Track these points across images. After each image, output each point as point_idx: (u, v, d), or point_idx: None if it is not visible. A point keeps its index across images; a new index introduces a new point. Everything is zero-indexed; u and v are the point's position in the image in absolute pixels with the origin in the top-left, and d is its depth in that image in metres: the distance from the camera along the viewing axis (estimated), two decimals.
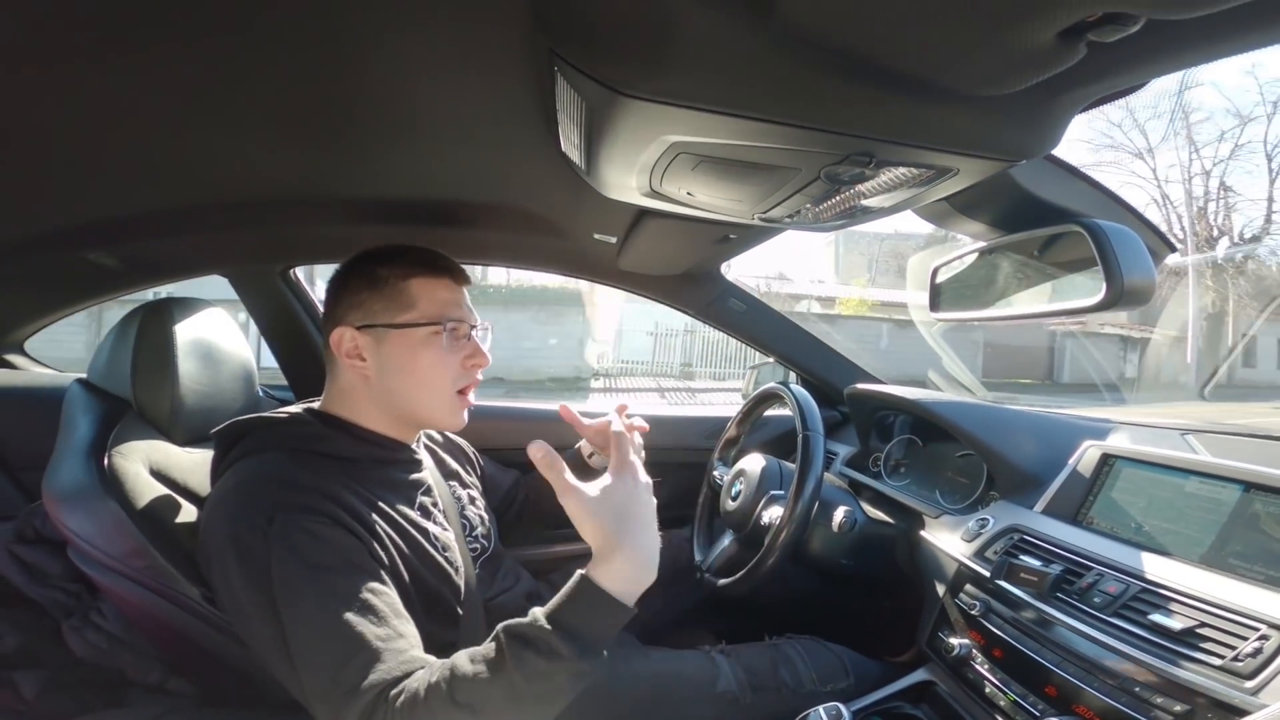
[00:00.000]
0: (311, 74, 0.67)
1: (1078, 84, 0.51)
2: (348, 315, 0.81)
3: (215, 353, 1.00)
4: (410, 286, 0.81)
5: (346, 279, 0.83)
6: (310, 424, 0.81)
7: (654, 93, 0.52)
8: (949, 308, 1.01)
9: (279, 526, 0.66)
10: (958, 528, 1.05)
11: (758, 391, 1.33)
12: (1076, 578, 0.83)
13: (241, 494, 0.71)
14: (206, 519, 0.72)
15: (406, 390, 0.82)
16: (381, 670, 0.60)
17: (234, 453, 0.77)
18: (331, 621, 0.62)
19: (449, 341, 0.81)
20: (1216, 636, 0.67)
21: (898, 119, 0.55)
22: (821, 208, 0.77)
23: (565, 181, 0.90)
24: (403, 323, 0.80)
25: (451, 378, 0.83)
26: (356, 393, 0.83)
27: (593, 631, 0.60)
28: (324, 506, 0.69)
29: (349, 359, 0.81)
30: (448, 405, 0.84)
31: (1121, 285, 0.73)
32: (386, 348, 0.80)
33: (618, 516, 0.64)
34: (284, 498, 0.69)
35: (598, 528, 0.63)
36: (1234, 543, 0.77)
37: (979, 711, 0.89)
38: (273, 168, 0.94)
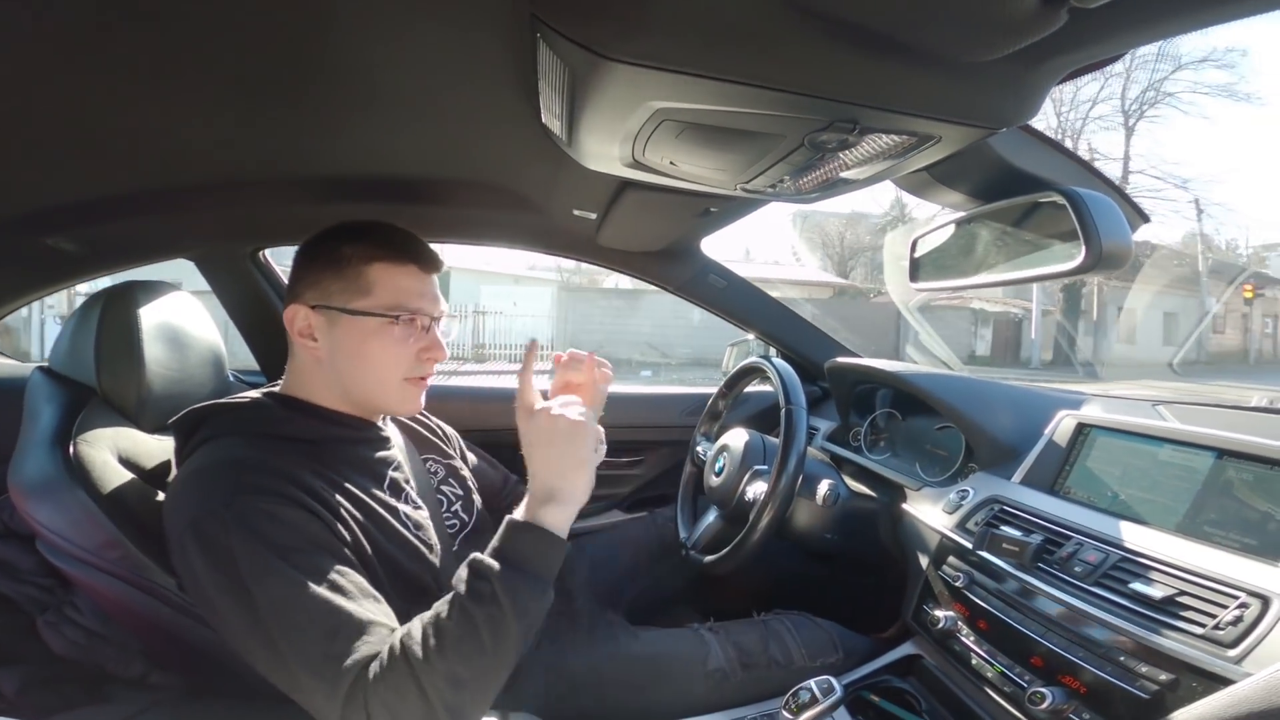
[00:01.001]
0: (277, 46, 0.64)
1: (1057, 52, 0.51)
2: (304, 293, 0.78)
3: (182, 337, 0.97)
4: (370, 271, 0.78)
5: (307, 255, 0.81)
6: (269, 407, 0.79)
7: (639, 56, 0.51)
8: (929, 278, 1.01)
9: (237, 511, 0.64)
10: (939, 500, 1.06)
11: (739, 365, 1.32)
12: (1056, 547, 0.84)
13: (197, 480, 0.69)
14: (166, 508, 0.71)
15: (356, 375, 0.80)
16: (368, 642, 0.61)
17: (193, 440, 0.75)
18: (309, 600, 0.61)
19: (403, 332, 0.78)
20: (1196, 605, 0.68)
21: (882, 84, 0.55)
22: (803, 178, 0.77)
23: (545, 155, 0.88)
24: (356, 309, 0.77)
25: (402, 369, 0.80)
26: (312, 374, 0.81)
27: (519, 555, 0.65)
28: (282, 488, 0.67)
29: (301, 338, 0.79)
30: (397, 393, 0.82)
31: (1100, 249, 0.73)
32: (338, 331, 0.78)
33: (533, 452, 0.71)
34: (241, 481, 0.67)
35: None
36: (1208, 510, 0.78)
37: (966, 684, 0.90)
38: (238, 146, 0.91)
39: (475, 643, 0.61)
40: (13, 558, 0.91)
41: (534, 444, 0.71)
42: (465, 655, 0.60)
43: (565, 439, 0.70)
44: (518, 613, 0.62)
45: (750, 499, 1.10)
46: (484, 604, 0.62)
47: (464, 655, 0.60)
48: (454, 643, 0.60)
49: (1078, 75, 0.57)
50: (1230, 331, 19.10)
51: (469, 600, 0.62)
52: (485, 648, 0.61)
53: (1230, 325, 19.07)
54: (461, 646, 0.60)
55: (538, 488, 0.69)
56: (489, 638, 0.61)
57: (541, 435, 0.71)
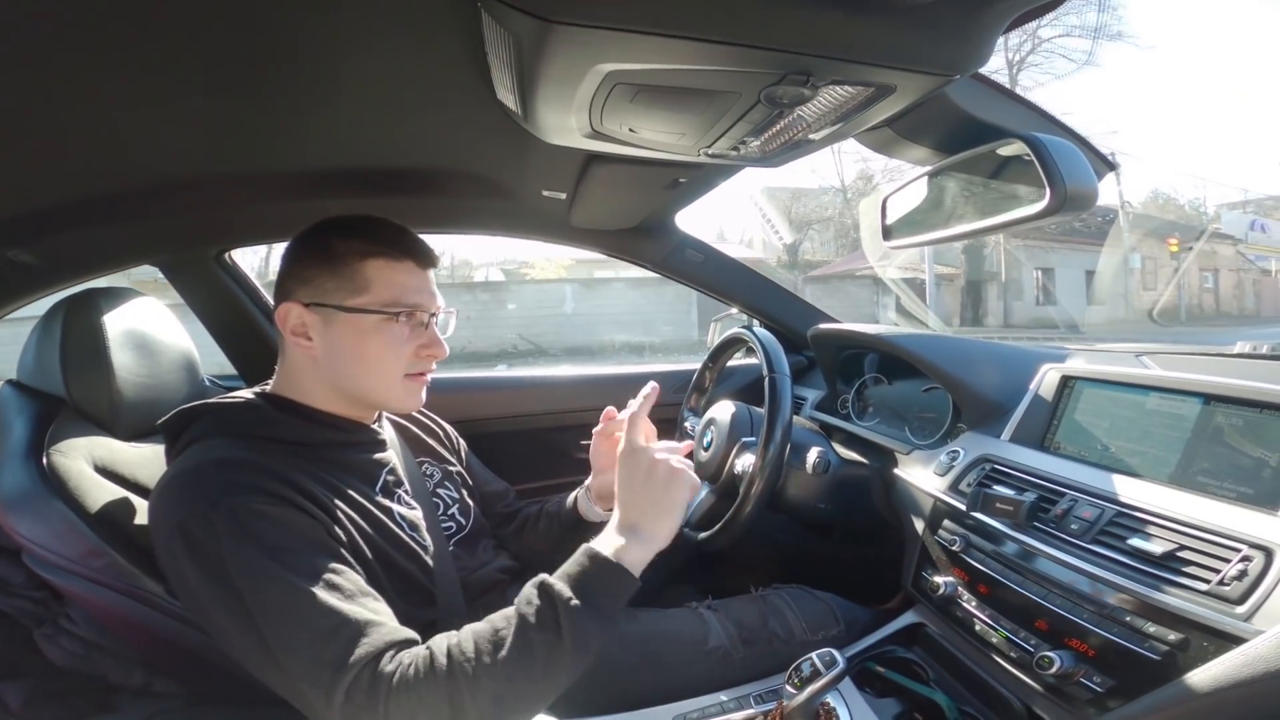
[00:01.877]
0: (234, 42, 0.62)
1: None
2: (296, 290, 0.76)
3: (151, 342, 0.96)
4: (366, 267, 0.76)
5: (300, 250, 0.79)
6: (261, 408, 0.78)
7: (583, 17, 0.50)
8: (902, 234, 1.00)
9: (225, 511, 0.62)
10: (930, 462, 1.05)
11: (722, 338, 1.31)
12: (1051, 505, 0.83)
13: (183, 482, 0.67)
14: (151, 512, 0.69)
15: (354, 374, 0.78)
16: (366, 644, 0.59)
17: (181, 440, 0.73)
18: (303, 601, 0.60)
19: (403, 329, 0.77)
20: (1198, 559, 0.66)
21: (832, 33, 0.54)
22: (765, 138, 0.75)
23: (506, 135, 0.86)
24: (353, 306, 0.75)
25: (403, 366, 0.79)
26: (305, 373, 0.79)
27: (590, 584, 0.64)
28: (272, 487, 0.66)
29: (294, 337, 0.76)
30: (398, 390, 0.81)
31: (1065, 191, 0.72)
32: (335, 330, 0.76)
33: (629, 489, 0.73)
34: (228, 481, 0.65)
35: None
36: (1200, 459, 0.77)
37: (972, 650, 0.89)
38: (199, 145, 0.88)
39: (526, 666, 0.60)
40: (2, 572, 0.91)
41: (630, 480, 0.72)
42: (513, 676, 0.60)
43: (664, 483, 0.72)
44: (576, 645, 0.61)
45: (740, 471, 1.09)
46: (545, 629, 0.61)
47: (511, 676, 0.59)
48: (506, 663, 0.59)
49: (1024, 21, 0.57)
50: (1162, 288, 18.96)
51: (529, 621, 0.61)
52: (535, 675, 0.60)
53: (1161, 280, 18.88)
54: (512, 666, 0.59)
55: (624, 521, 0.70)
56: (542, 663, 0.60)
57: (640, 473, 0.72)
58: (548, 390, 1.61)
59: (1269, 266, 21.10)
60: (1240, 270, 21.12)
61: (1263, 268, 21.12)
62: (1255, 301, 20.97)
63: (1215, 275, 20.81)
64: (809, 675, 0.73)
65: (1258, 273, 21.21)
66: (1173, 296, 18.59)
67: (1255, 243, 19.55)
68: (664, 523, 0.71)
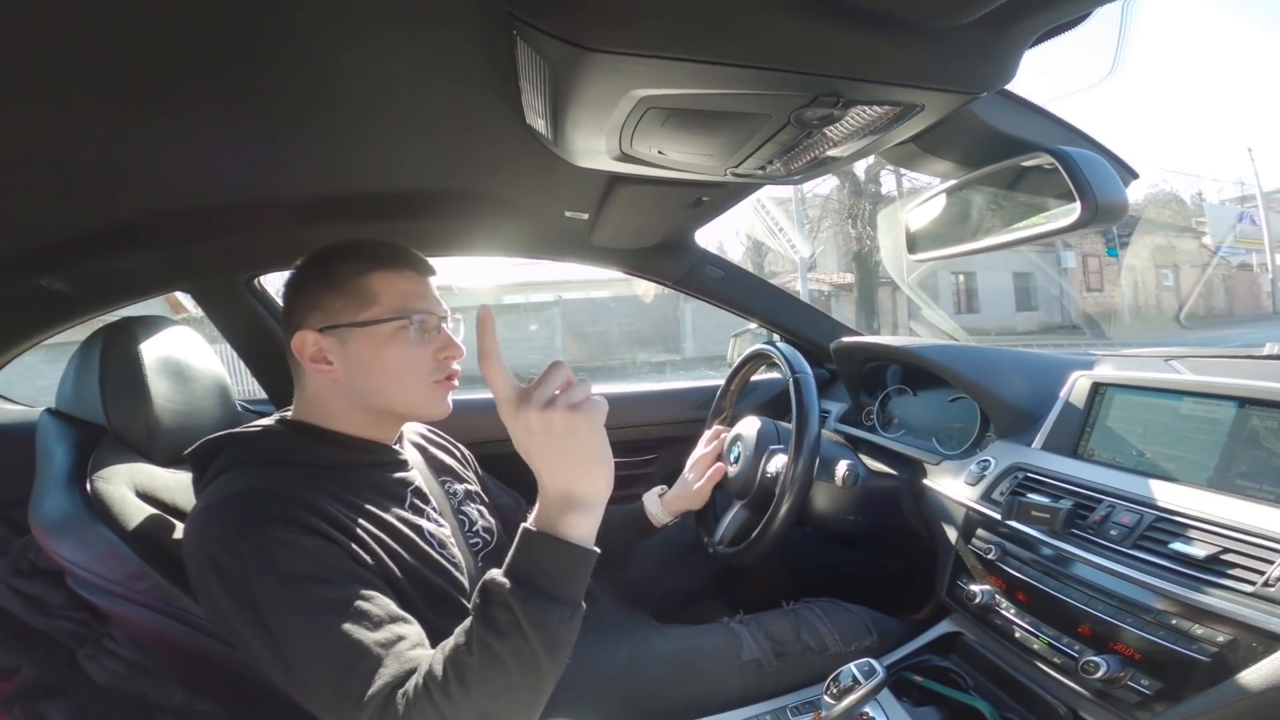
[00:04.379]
0: (261, 69, 0.63)
1: (1027, 14, 0.52)
2: (307, 318, 0.77)
3: (186, 370, 0.98)
4: (370, 281, 0.77)
5: (302, 281, 0.80)
6: (284, 435, 0.79)
7: (620, 45, 0.50)
8: (926, 248, 1.00)
9: (251, 541, 0.63)
10: (960, 472, 1.05)
11: (745, 353, 1.31)
12: (1088, 512, 0.82)
13: (213, 513, 0.68)
14: (184, 542, 0.70)
15: (379, 388, 0.79)
16: (385, 675, 0.59)
17: (209, 472, 0.75)
18: (325, 633, 0.60)
19: (417, 335, 0.78)
20: (1242, 562, 0.66)
21: (861, 55, 0.55)
22: (792, 158, 0.76)
23: (532, 157, 0.87)
24: (365, 320, 0.76)
25: (425, 371, 0.80)
26: (327, 397, 0.80)
27: (540, 574, 0.58)
28: (299, 516, 0.66)
29: (314, 364, 0.77)
30: (425, 397, 0.81)
31: (1096, 204, 0.72)
32: (351, 348, 0.77)
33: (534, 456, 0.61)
34: (254, 511, 0.66)
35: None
36: (1238, 463, 0.77)
37: (1013, 658, 0.88)
38: (226, 172, 0.90)
39: (504, 680, 0.57)
40: (44, 594, 0.94)
41: (530, 446, 0.60)
42: (493, 693, 0.57)
43: (567, 434, 0.59)
44: (546, 644, 0.57)
45: (771, 474, 1.09)
46: (508, 636, 0.56)
47: (492, 694, 0.57)
48: (480, 681, 0.56)
49: (1048, 37, 0.58)
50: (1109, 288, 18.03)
51: (488, 632, 0.57)
52: (515, 684, 0.57)
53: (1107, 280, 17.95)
54: (489, 684, 0.56)
55: (551, 494, 0.60)
56: (518, 673, 0.57)
57: (536, 433, 0.59)
58: None
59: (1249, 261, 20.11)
60: (1205, 266, 19.80)
61: (1242, 263, 20.11)
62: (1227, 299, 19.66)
63: (1175, 272, 19.36)
64: (849, 685, 0.73)
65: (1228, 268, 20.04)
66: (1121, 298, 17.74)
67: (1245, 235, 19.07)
68: (593, 476, 0.60)
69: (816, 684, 0.90)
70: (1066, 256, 16.67)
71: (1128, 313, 17.51)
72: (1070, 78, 1.63)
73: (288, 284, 0.82)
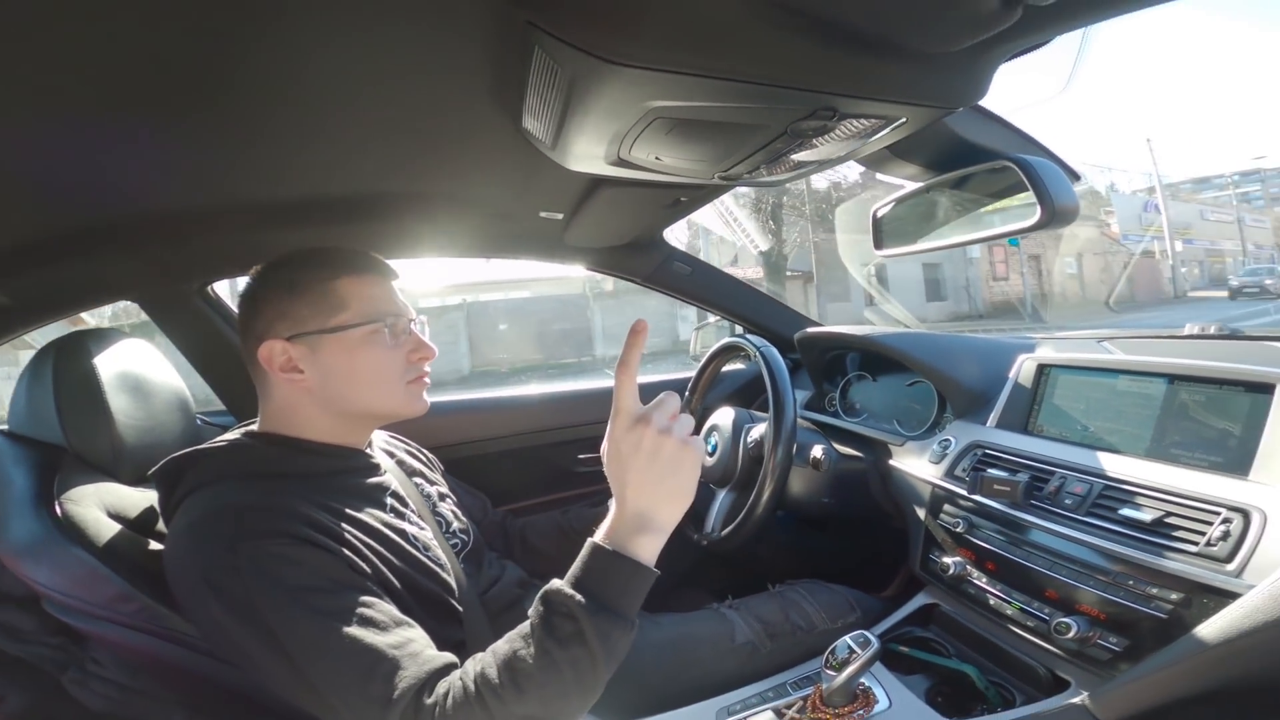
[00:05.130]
0: (213, 66, 0.60)
1: (1007, 40, 0.57)
2: (273, 327, 0.75)
3: (145, 384, 0.94)
4: (338, 287, 0.76)
5: (262, 290, 0.78)
6: (254, 447, 0.77)
7: (641, 59, 0.52)
8: (893, 244, 1.06)
9: (247, 557, 0.62)
10: (923, 452, 1.12)
11: (715, 346, 1.35)
12: (1043, 483, 0.90)
13: (198, 532, 0.66)
14: (168, 565, 0.68)
15: (357, 393, 0.78)
16: (407, 676, 0.59)
17: (179, 491, 0.72)
18: (338, 641, 0.60)
19: (390, 337, 0.78)
20: (1184, 524, 0.73)
21: (860, 75, 0.59)
22: (778, 162, 0.79)
23: (516, 159, 0.87)
24: (336, 326, 0.75)
25: (400, 373, 0.80)
26: (298, 406, 0.78)
27: (607, 589, 0.59)
28: (289, 527, 0.65)
29: (283, 373, 0.76)
30: (403, 397, 0.81)
31: (1054, 208, 0.80)
32: (324, 355, 0.76)
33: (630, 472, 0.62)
34: (245, 526, 0.65)
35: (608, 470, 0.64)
36: (1172, 433, 0.85)
37: (989, 624, 0.94)
38: (177, 175, 0.86)
39: (559, 686, 0.57)
40: (14, 620, 0.87)
41: (629, 460, 0.61)
42: (546, 698, 0.57)
43: (672, 463, 0.61)
44: (605, 656, 0.58)
45: (752, 445, 1.13)
46: (569, 645, 0.57)
47: (545, 699, 0.57)
48: (536, 686, 0.57)
49: (1017, 56, 0.63)
50: (1015, 277, 18.38)
51: (550, 640, 0.58)
52: (569, 691, 0.58)
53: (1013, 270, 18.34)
54: (544, 690, 0.57)
55: (629, 512, 0.61)
56: (573, 681, 0.58)
57: (643, 453, 0.60)
58: (521, 411, 1.62)
59: (1151, 249, 21.24)
60: (1107, 254, 20.69)
61: (1145, 250, 21.13)
62: (1128, 286, 20.33)
63: (1079, 260, 20.18)
64: (846, 657, 0.78)
65: (1127, 255, 20.91)
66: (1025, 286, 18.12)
67: (1150, 224, 20.54)
68: (675, 507, 0.62)
69: (809, 660, 0.94)
70: (972, 247, 17.32)
71: (1030, 301, 17.91)
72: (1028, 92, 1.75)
73: (246, 294, 0.79)
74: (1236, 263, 23.92)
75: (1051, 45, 0.62)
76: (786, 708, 0.85)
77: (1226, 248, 27.64)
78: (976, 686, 0.89)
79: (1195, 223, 26.85)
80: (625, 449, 0.61)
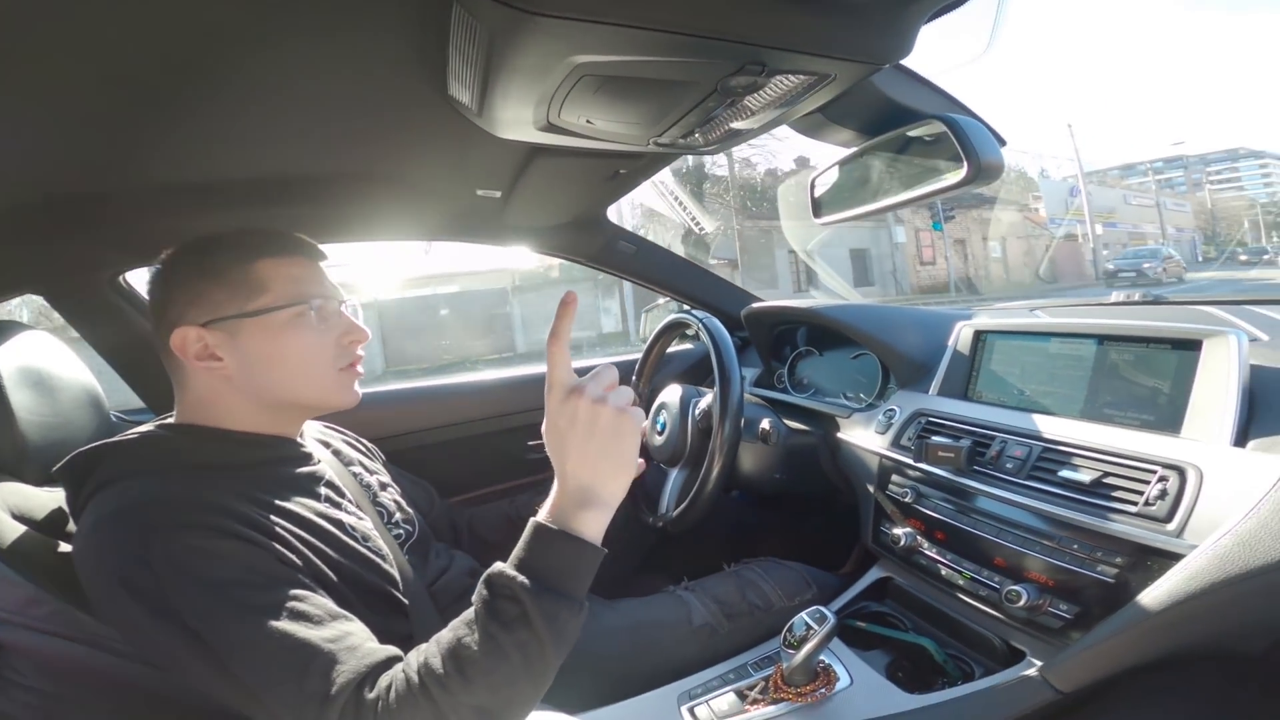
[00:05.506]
0: (124, 36, 0.56)
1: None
2: (186, 313, 0.71)
3: (49, 379, 0.87)
4: (257, 269, 0.72)
5: (173, 275, 0.73)
6: (169, 438, 0.72)
7: (561, 9, 0.50)
8: (830, 211, 1.06)
9: (160, 553, 0.58)
10: (869, 423, 1.13)
11: (663, 322, 1.34)
12: (985, 448, 0.90)
13: (108, 528, 0.61)
14: (79, 566, 0.63)
15: (282, 380, 0.74)
16: (346, 670, 0.56)
17: (87, 487, 0.67)
18: (269, 637, 0.56)
19: (318, 320, 0.74)
20: (1122, 484, 0.74)
21: (787, 27, 0.58)
22: (710, 127, 0.78)
23: (447, 133, 0.84)
24: (257, 309, 0.71)
25: (329, 358, 0.76)
26: (219, 396, 0.73)
27: (551, 568, 0.57)
28: (208, 519, 0.61)
29: (199, 361, 0.71)
30: (333, 385, 0.77)
31: (979, 164, 0.79)
32: (244, 340, 0.71)
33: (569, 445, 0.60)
34: (158, 520, 0.60)
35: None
36: (1104, 393, 0.87)
37: (942, 595, 0.94)
38: (81, 156, 0.80)
39: (507, 672, 0.55)
40: None
41: (566, 433, 0.59)
42: (495, 685, 0.55)
43: (610, 433, 0.59)
44: (553, 638, 0.56)
45: (700, 412, 1.13)
46: (515, 629, 0.55)
47: (493, 686, 0.55)
48: (483, 674, 0.54)
49: (938, 15, 0.63)
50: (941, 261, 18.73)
51: (494, 624, 0.55)
52: (518, 677, 0.55)
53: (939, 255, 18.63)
54: (492, 677, 0.55)
55: (571, 487, 0.60)
56: (522, 667, 0.55)
57: (580, 425, 0.59)
58: (468, 398, 1.58)
59: (1075, 232, 21.98)
60: (1030, 238, 21.30)
61: (1068, 233, 21.86)
62: (1050, 268, 20.88)
63: (1003, 244, 20.68)
64: (803, 634, 0.77)
65: (1049, 238, 21.58)
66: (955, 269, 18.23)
67: (1074, 208, 21.36)
68: (618, 480, 0.61)
69: (769, 639, 0.93)
70: (898, 231, 16.77)
71: (954, 284, 18.12)
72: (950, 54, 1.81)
73: (155, 279, 0.74)
74: (1157, 244, 25.08)
75: (973, 10, 0.62)
76: (749, 689, 0.84)
77: (1148, 230, 29.09)
78: (935, 660, 0.89)
79: (1119, 207, 28.32)
80: (562, 423, 0.60)
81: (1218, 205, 41.51)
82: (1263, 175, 52.75)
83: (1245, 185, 51.42)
